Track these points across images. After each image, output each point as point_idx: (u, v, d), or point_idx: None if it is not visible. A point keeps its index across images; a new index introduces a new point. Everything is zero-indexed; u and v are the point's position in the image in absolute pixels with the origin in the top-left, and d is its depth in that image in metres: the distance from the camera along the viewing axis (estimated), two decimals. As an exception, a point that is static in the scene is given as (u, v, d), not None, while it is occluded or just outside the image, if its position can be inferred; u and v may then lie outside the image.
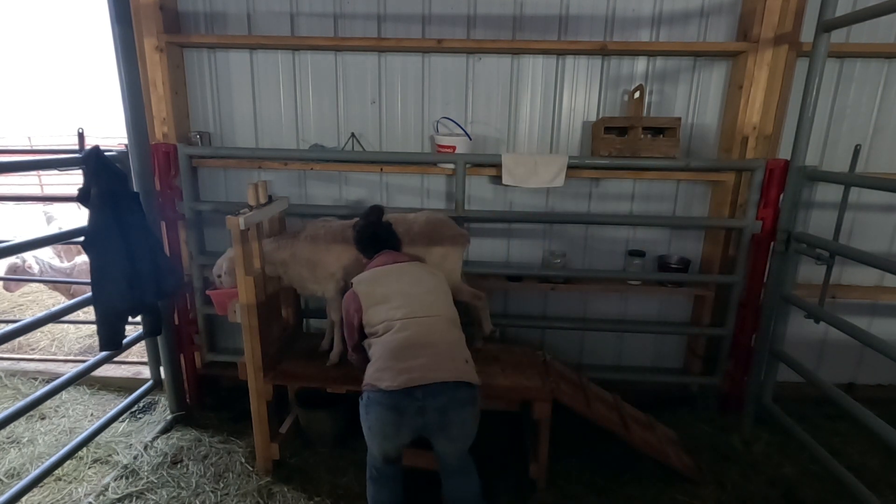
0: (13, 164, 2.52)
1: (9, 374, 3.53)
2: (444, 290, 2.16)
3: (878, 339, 2.07)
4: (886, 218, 3.08)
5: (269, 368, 2.53)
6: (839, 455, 2.47)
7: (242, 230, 2.23)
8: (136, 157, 2.70)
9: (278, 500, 2.42)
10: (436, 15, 2.94)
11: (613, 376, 3.19)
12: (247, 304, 2.35)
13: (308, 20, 2.98)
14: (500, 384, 2.47)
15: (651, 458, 2.53)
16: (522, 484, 2.53)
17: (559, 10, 2.89)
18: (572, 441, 2.78)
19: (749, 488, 2.53)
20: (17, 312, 5.24)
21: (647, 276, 3.08)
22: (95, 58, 30.18)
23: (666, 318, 3.32)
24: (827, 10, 2.38)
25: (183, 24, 3.01)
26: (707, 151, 3.04)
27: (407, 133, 3.12)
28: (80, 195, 2.35)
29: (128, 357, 3.64)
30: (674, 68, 2.95)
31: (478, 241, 3.19)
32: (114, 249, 2.36)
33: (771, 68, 2.74)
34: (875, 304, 3.20)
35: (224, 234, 2.40)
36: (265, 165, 3.09)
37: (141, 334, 2.90)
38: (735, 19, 2.86)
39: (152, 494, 2.45)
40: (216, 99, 3.13)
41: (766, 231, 2.80)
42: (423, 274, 2.16)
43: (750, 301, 2.93)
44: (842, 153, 2.95)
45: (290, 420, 2.80)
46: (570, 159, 2.84)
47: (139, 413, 3.14)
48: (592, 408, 2.51)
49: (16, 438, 2.88)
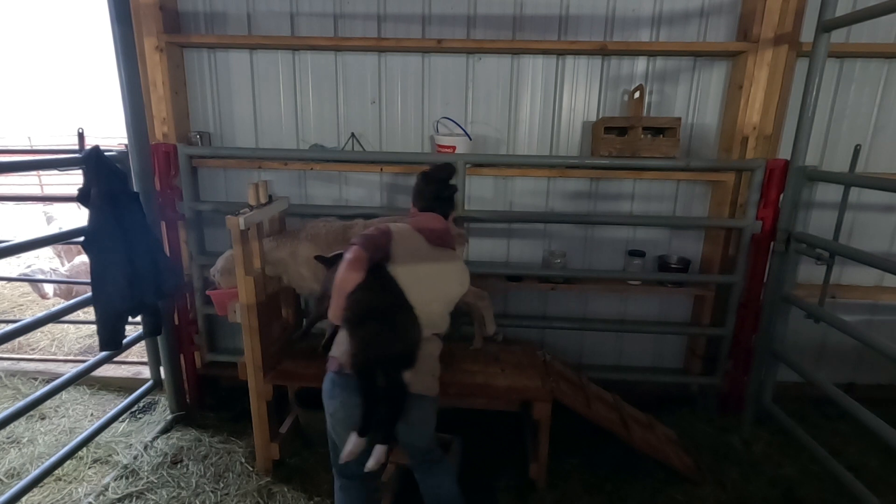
0: (13, 164, 2.52)
1: (9, 374, 3.53)
2: (453, 303, 1.96)
3: (877, 339, 2.07)
4: (886, 218, 3.08)
5: (269, 368, 2.53)
6: (839, 455, 2.47)
7: (242, 230, 2.23)
8: (136, 157, 2.70)
9: (278, 500, 2.42)
10: (436, 15, 2.94)
11: (613, 376, 3.19)
12: (247, 304, 2.35)
13: (308, 20, 2.98)
14: (500, 384, 2.47)
15: (651, 458, 2.53)
16: (522, 484, 2.53)
17: (559, 10, 2.89)
18: (572, 441, 2.78)
19: (749, 488, 2.53)
20: (17, 312, 5.23)
21: (647, 276, 3.08)
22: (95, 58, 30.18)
23: (666, 318, 3.32)
24: (827, 10, 2.38)
25: (183, 24, 3.01)
26: (707, 151, 3.04)
27: (407, 133, 3.12)
28: (80, 195, 2.35)
29: (128, 357, 3.64)
30: (674, 68, 2.95)
31: (478, 241, 3.19)
32: (114, 249, 2.36)
33: (771, 68, 2.74)
34: (875, 304, 3.20)
35: (224, 234, 2.40)
36: (265, 165, 3.09)
37: (141, 334, 2.90)
38: (735, 19, 2.86)
39: (152, 494, 2.45)
40: (216, 99, 3.13)
41: (766, 231, 2.80)
42: (450, 284, 1.91)
43: (750, 301, 2.93)
44: (842, 153, 2.95)
45: (290, 420, 2.80)
46: (570, 159, 2.84)
47: (139, 413, 3.14)
48: (592, 408, 2.52)
49: (16, 438, 2.88)
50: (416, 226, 1.90)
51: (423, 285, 1.80)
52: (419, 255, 1.83)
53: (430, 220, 1.94)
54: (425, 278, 1.81)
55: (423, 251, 1.84)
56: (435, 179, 1.98)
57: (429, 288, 1.82)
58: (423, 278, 1.81)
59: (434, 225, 1.92)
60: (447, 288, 1.89)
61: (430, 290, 1.82)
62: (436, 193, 1.97)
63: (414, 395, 1.78)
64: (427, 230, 1.88)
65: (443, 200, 1.98)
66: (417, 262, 1.81)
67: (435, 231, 1.90)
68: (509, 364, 2.64)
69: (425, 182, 1.99)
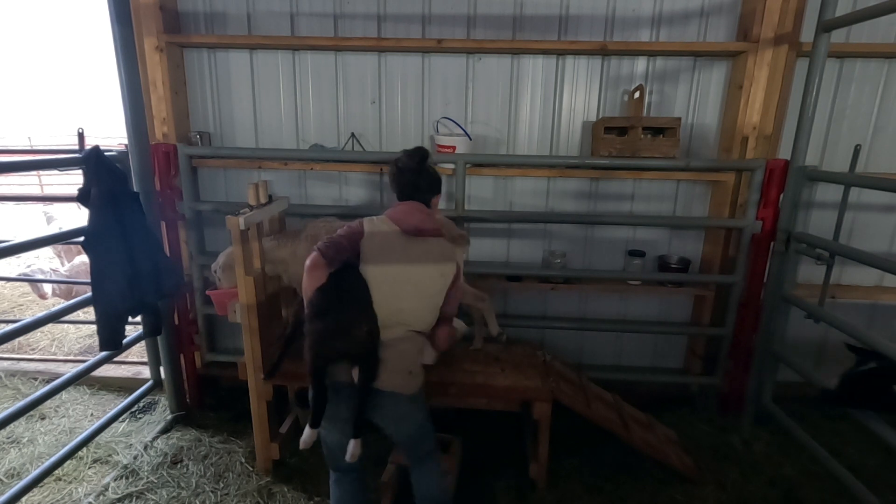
0: (13, 164, 2.52)
1: (9, 374, 3.53)
2: (439, 300, 1.89)
3: (878, 339, 2.07)
4: (886, 218, 3.08)
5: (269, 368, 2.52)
6: (839, 455, 2.47)
7: (242, 230, 2.23)
8: (136, 157, 2.70)
9: (278, 500, 2.42)
10: (436, 15, 2.94)
11: (613, 376, 3.19)
12: (247, 304, 2.35)
13: (308, 20, 2.98)
14: (500, 384, 2.47)
15: (651, 458, 2.54)
16: (522, 484, 2.53)
17: (559, 10, 2.89)
18: (572, 441, 2.78)
19: (749, 488, 2.53)
20: (17, 312, 5.23)
21: (647, 276, 3.08)
22: (95, 58, 30.18)
23: (666, 318, 3.32)
24: (827, 10, 2.38)
25: (183, 24, 3.01)
26: (707, 151, 3.04)
27: (407, 133, 3.12)
28: (80, 195, 2.35)
29: (128, 357, 3.64)
30: (674, 68, 2.95)
31: (478, 241, 3.19)
32: (114, 249, 2.36)
33: (771, 68, 2.74)
34: (875, 304, 3.20)
35: (224, 234, 2.40)
36: (265, 165, 3.09)
37: (141, 334, 2.90)
38: (735, 19, 2.86)
39: (152, 494, 2.45)
40: (216, 99, 3.13)
41: (766, 231, 2.79)
42: (432, 278, 1.85)
43: (750, 301, 2.93)
44: (842, 153, 2.95)
45: (290, 420, 2.80)
46: (570, 159, 2.84)
47: (139, 413, 3.14)
48: (592, 408, 2.52)
49: (16, 438, 2.88)
50: (393, 217, 1.86)
51: (395, 284, 1.79)
52: (392, 251, 1.81)
53: (408, 209, 1.88)
54: (397, 276, 1.80)
55: (398, 246, 1.82)
56: (407, 169, 1.91)
57: (402, 285, 1.80)
58: (394, 276, 1.80)
59: (411, 215, 1.86)
60: (425, 283, 1.84)
61: (402, 287, 1.80)
62: (411, 181, 1.90)
63: (385, 392, 1.82)
64: (403, 222, 1.85)
65: (420, 188, 1.91)
66: (389, 260, 1.80)
67: (411, 222, 1.85)
68: (509, 364, 2.64)
69: (399, 172, 1.92)
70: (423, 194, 1.92)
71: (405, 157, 1.93)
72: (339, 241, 1.79)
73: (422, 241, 1.85)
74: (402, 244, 1.83)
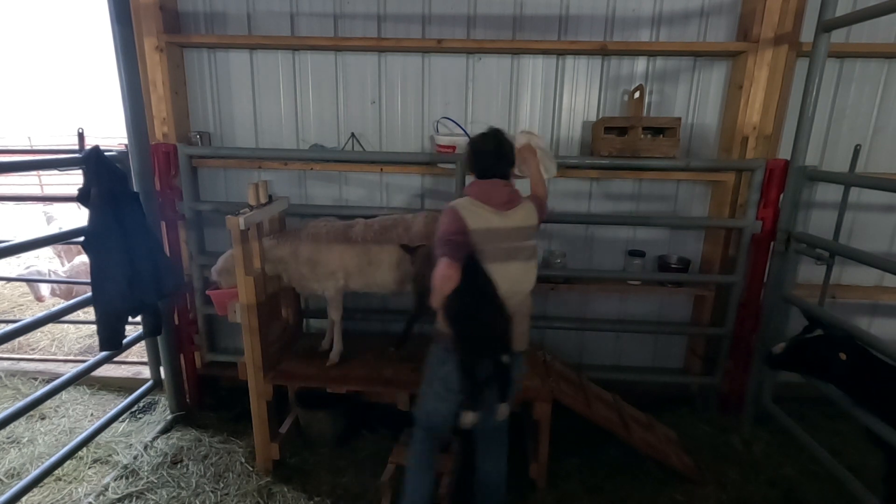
0: (13, 164, 2.53)
1: (9, 374, 3.53)
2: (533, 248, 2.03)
3: (878, 339, 2.07)
4: (886, 218, 3.08)
5: (269, 368, 2.53)
6: (839, 455, 2.47)
7: (242, 230, 2.23)
8: (136, 157, 2.70)
9: (278, 500, 2.42)
10: (436, 15, 2.94)
11: (613, 376, 3.19)
12: (247, 304, 2.35)
13: (308, 20, 2.98)
14: (500, 384, 2.47)
15: (651, 458, 2.54)
16: (522, 484, 2.53)
17: (559, 10, 2.89)
18: (572, 441, 2.78)
19: (749, 488, 2.53)
20: (17, 312, 5.23)
21: (647, 276, 3.08)
22: (95, 58, 30.16)
23: (666, 318, 3.32)
24: (827, 10, 2.38)
25: (183, 24, 3.01)
26: (707, 151, 3.04)
27: (407, 133, 3.12)
28: (80, 195, 2.35)
29: (128, 357, 3.64)
30: (674, 68, 2.95)
31: (478, 241, 3.19)
32: (114, 249, 2.36)
33: (771, 68, 2.74)
34: (875, 304, 3.20)
35: (224, 234, 2.40)
36: (265, 165, 3.09)
37: (141, 334, 2.90)
38: (735, 19, 2.86)
39: (152, 494, 2.45)
40: (216, 99, 3.13)
41: (766, 231, 2.79)
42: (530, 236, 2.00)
43: (750, 301, 2.93)
44: (842, 153, 2.95)
45: (290, 420, 2.80)
46: (570, 159, 2.83)
47: (139, 413, 3.14)
48: (592, 408, 2.52)
49: (16, 438, 2.88)
50: (481, 197, 1.92)
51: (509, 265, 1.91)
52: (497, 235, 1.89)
53: (492, 188, 1.94)
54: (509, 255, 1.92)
55: (501, 229, 1.90)
56: (486, 152, 1.98)
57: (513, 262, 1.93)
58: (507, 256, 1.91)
59: (498, 192, 1.93)
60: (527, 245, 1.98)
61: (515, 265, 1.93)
62: (491, 164, 1.98)
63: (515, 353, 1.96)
64: (493, 200, 1.91)
65: (500, 166, 1.98)
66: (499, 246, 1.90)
67: (500, 199, 1.92)
68: (509, 364, 2.64)
69: (476, 156, 2.00)
70: (503, 169, 2.00)
71: (480, 140, 2.00)
72: (455, 240, 1.84)
73: (513, 212, 1.94)
74: (501, 223, 1.91)
